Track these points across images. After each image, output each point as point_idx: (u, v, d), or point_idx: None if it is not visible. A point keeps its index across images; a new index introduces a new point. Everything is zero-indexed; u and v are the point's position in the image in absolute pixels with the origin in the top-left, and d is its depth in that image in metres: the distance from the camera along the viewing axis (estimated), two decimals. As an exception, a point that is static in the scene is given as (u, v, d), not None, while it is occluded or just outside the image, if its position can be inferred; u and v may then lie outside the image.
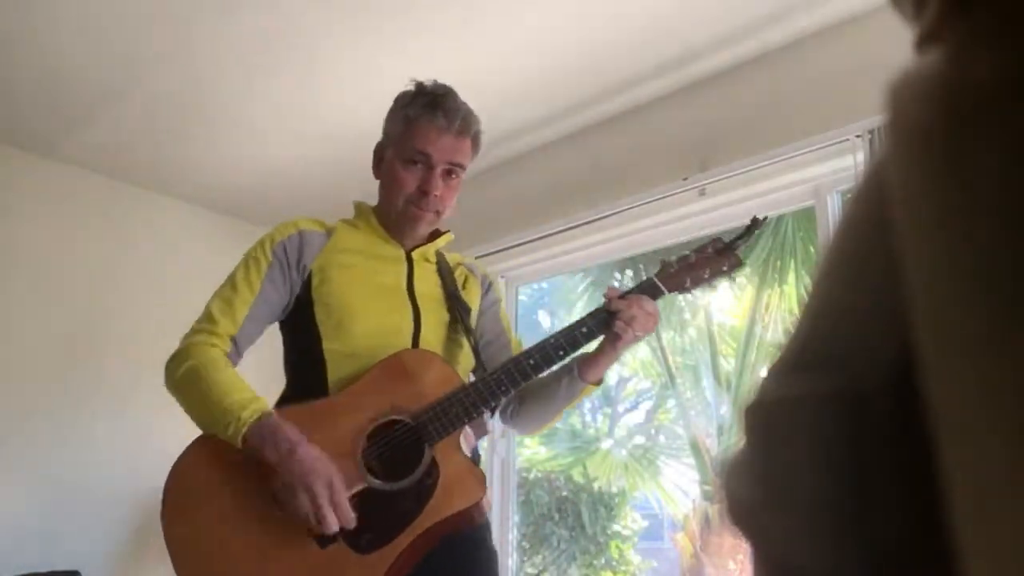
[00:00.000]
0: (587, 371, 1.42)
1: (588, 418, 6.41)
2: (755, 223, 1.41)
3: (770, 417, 0.32)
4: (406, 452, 1.27)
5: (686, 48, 2.30)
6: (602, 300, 1.38)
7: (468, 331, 1.46)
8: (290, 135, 2.84)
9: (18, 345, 2.81)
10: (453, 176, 1.43)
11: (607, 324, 1.36)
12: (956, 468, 0.24)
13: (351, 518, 1.20)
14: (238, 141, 2.89)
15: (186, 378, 1.29)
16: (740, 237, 1.42)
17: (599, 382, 1.45)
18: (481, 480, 1.29)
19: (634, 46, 2.30)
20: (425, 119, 1.39)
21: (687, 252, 1.43)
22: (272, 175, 3.13)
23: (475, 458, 1.37)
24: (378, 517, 1.24)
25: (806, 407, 0.30)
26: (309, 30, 2.23)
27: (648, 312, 1.36)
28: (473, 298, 1.53)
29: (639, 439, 6.14)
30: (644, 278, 1.42)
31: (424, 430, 1.28)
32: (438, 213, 1.44)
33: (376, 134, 1.48)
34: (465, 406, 1.30)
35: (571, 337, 1.35)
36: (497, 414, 1.52)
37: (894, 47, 0.58)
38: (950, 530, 0.24)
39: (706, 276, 1.41)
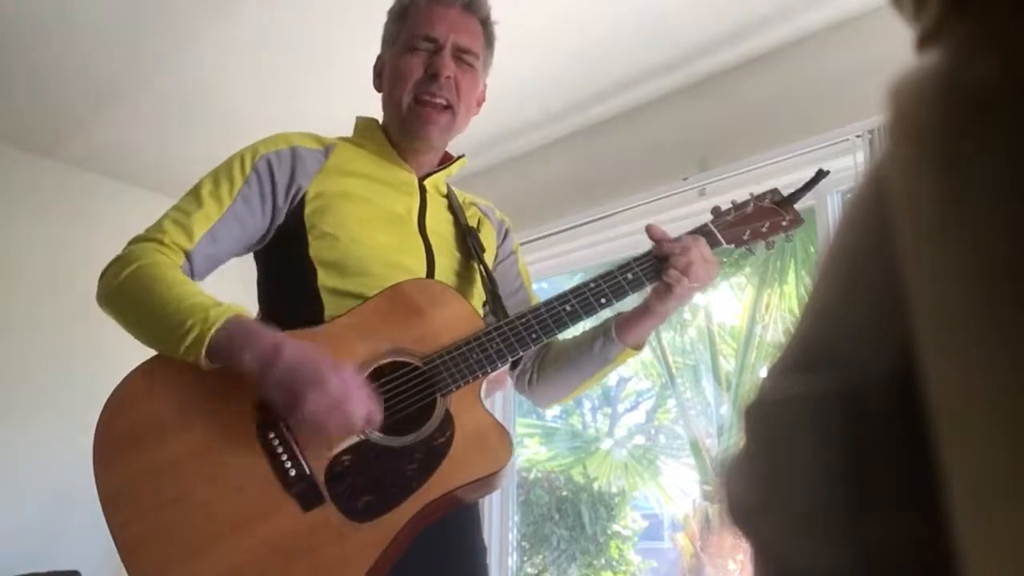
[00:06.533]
0: (627, 332, 1.20)
1: (588, 418, 6.41)
2: (820, 175, 1.22)
3: (770, 417, 0.32)
4: (413, 403, 1.05)
5: (686, 48, 2.30)
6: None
7: (487, 272, 1.25)
8: (290, 135, 2.84)
9: (18, 345, 2.81)
10: (467, 64, 1.20)
11: (657, 271, 1.16)
12: (956, 468, 0.24)
13: (378, 407, 0.97)
14: (239, 142, 2.89)
15: (131, 281, 1.04)
16: (801, 189, 1.23)
17: (639, 346, 1.23)
18: (507, 440, 1.05)
19: (634, 46, 2.30)
20: (423, 0, 1.20)
21: (744, 200, 1.25)
22: (272, 175, 3.13)
23: None
24: (378, 478, 0.99)
25: (806, 407, 0.30)
26: (310, 31, 2.23)
27: (707, 259, 1.15)
28: (488, 243, 1.32)
29: (639, 439, 6.13)
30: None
31: (437, 376, 1.05)
32: (452, 109, 1.19)
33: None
34: (488, 353, 1.07)
35: (614, 282, 1.14)
36: (512, 380, 1.32)
37: (894, 47, 0.58)
38: (950, 530, 0.24)
39: (764, 229, 1.22)
